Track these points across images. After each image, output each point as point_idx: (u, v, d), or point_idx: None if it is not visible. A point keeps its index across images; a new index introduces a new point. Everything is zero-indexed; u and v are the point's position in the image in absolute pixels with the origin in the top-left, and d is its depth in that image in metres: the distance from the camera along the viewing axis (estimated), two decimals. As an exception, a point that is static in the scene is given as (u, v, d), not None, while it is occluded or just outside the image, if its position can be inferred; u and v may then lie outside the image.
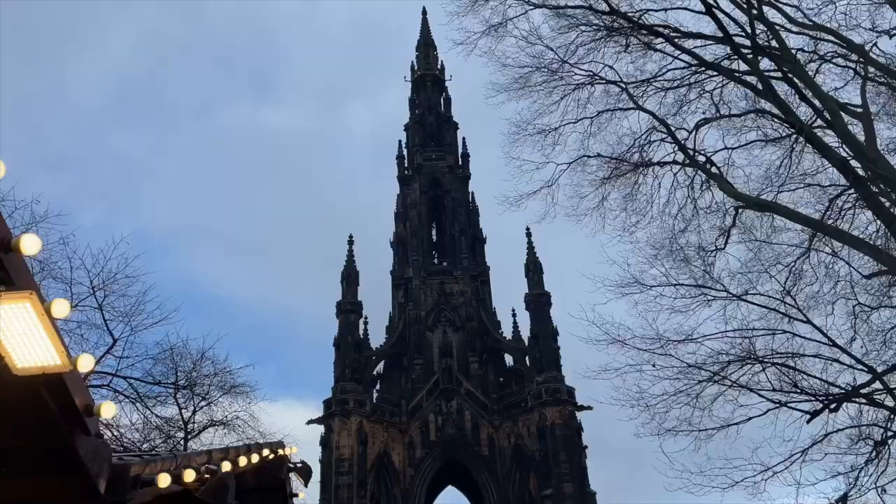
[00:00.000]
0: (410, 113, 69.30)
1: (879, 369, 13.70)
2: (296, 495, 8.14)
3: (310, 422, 49.53)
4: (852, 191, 14.32)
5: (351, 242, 55.94)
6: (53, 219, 17.89)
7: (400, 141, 68.10)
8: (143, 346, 21.76)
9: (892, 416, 13.73)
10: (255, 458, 6.05)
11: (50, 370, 2.64)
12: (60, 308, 2.52)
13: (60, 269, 18.48)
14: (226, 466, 5.18)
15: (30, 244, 2.37)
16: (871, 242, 13.90)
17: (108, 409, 3.06)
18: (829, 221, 14.55)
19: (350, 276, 54.19)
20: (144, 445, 20.90)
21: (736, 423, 14.34)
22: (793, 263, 15.15)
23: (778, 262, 15.41)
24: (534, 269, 54.25)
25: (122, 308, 20.45)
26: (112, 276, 19.71)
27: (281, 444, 7.13)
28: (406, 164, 65.70)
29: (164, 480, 4.30)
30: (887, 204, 13.52)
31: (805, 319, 14.63)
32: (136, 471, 4.12)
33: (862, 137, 14.16)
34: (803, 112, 14.90)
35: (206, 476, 4.94)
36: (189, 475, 4.67)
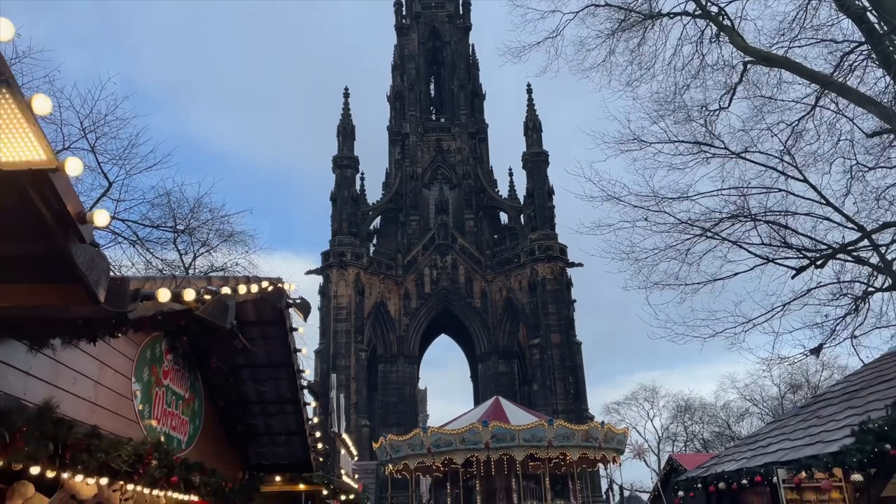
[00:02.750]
0: (409, -45, 65.08)
1: (869, 227, 13.91)
2: (295, 329, 8.45)
3: (308, 272, 50.88)
4: (864, 47, 13.88)
5: (346, 95, 54.53)
6: (37, 55, 17.18)
7: (398, -15, 64.51)
8: (140, 191, 21.82)
9: (874, 273, 14.14)
10: (254, 288, 6.21)
11: (35, 165, 2.60)
12: (42, 104, 2.43)
13: (49, 109, 17.99)
14: (225, 291, 5.34)
15: (2, 28, 2.23)
16: (878, 101, 13.63)
17: (101, 217, 3.05)
18: (839, 79, 14.17)
19: (346, 130, 53.38)
20: (147, 288, 21.43)
21: (722, 278, 14.78)
22: (796, 122, 14.95)
23: (781, 121, 15.21)
24: (533, 127, 53.48)
25: (115, 151, 20.23)
26: (102, 118, 19.28)
27: (280, 280, 7.31)
28: (404, 13, 62.71)
29: (163, 295, 4.43)
30: (900, 59, 13.12)
31: (802, 178, 14.68)
32: (136, 285, 4.24)
33: (883, -11, 13.50)
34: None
35: (207, 297, 5.09)
36: (189, 294, 4.80)
